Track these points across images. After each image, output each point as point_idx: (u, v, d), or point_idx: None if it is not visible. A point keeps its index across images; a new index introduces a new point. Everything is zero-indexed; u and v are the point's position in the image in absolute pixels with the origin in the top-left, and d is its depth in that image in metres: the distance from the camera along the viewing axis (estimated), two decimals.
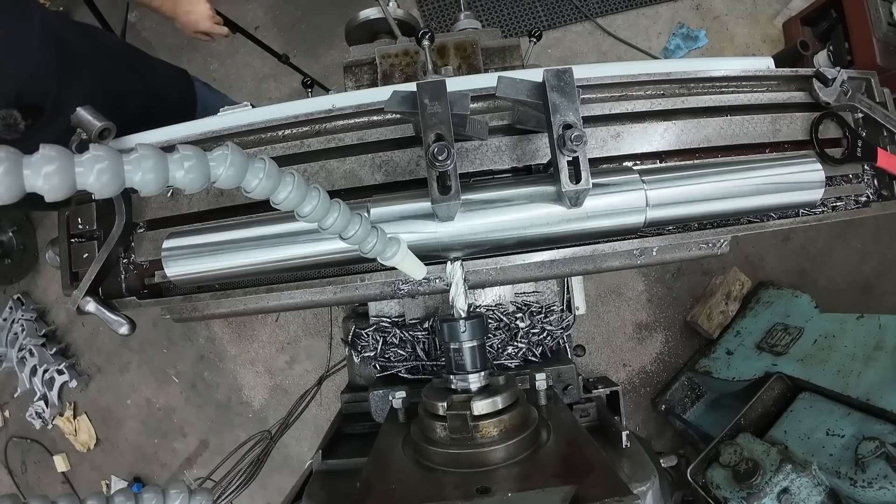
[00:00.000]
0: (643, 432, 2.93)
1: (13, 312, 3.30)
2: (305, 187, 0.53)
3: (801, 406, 2.02)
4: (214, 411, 3.18)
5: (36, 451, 3.31)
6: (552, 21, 3.31)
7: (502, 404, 0.73)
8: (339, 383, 2.67)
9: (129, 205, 0.93)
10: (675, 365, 2.96)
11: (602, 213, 0.76)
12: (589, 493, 0.57)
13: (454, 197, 0.68)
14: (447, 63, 1.26)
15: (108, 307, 0.89)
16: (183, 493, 0.59)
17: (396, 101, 0.73)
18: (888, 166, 0.94)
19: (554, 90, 0.69)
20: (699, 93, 0.95)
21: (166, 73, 1.71)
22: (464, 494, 0.61)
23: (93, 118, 0.83)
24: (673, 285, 3.02)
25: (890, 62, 2.68)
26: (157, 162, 0.42)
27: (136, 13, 3.35)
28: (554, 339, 1.09)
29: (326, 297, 0.94)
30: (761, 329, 2.60)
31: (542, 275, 0.93)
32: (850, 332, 2.13)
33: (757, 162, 0.84)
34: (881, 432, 1.67)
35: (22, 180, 0.36)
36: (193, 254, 0.80)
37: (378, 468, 0.71)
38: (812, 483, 1.67)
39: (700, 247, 0.92)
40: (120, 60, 1.46)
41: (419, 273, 0.70)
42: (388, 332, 1.08)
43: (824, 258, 3.07)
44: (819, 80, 0.94)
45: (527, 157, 0.89)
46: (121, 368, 3.28)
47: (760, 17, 3.33)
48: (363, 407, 1.08)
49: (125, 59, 1.50)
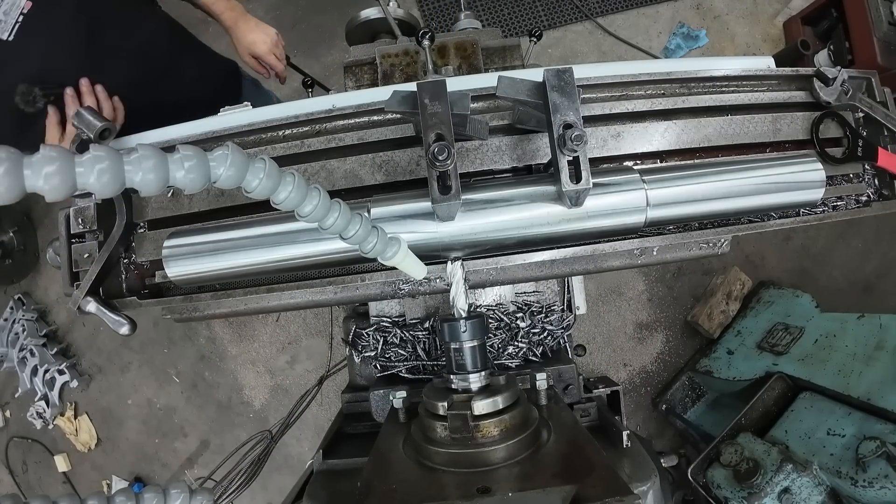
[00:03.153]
0: (644, 432, 2.93)
1: (14, 312, 3.30)
2: (306, 187, 0.53)
3: (801, 406, 2.02)
4: (215, 411, 3.18)
5: (37, 451, 3.31)
6: (552, 21, 3.31)
7: (503, 404, 0.73)
8: (339, 383, 2.67)
9: (129, 205, 0.93)
10: (676, 365, 2.96)
11: (602, 213, 0.76)
12: (589, 493, 0.57)
13: (454, 197, 0.68)
14: (447, 63, 1.26)
15: (108, 307, 0.89)
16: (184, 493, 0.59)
17: (397, 100, 0.73)
18: (889, 166, 0.94)
19: (554, 90, 0.69)
20: (699, 92, 0.95)
21: (213, 67, 1.65)
22: (464, 494, 0.61)
23: (93, 118, 0.84)
24: (673, 285, 3.02)
25: (890, 61, 2.68)
26: (157, 162, 0.42)
27: None
28: (554, 339, 1.09)
29: (327, 296, 0.94)
30: (762, 329, 2.60)
31: (543, 275, 0.93)
32: (851, 332, 2.13)
33: (757, 161, 0.84)
34: (882, 432, 1.67)
35: (22, 180, 0.37)
36: (194, 254, 0.80)
37: (379, 468, 0.71)
38: (813, 483, 1.67)
39: (701, 246, 0.92)
40: (157, 56, 1.41)
41: (420, 273, 0.70)
42: (388, 331, 1.08)
43: (825, 258, 3.07)
44: (820, 79, 0.94)
45: (527, 156, 0.89)
46: (121, 368, 3.29)
47: (761, 17, 3.33)
48: (364, 407, 1.08)
49: (164, 53, 1.45)
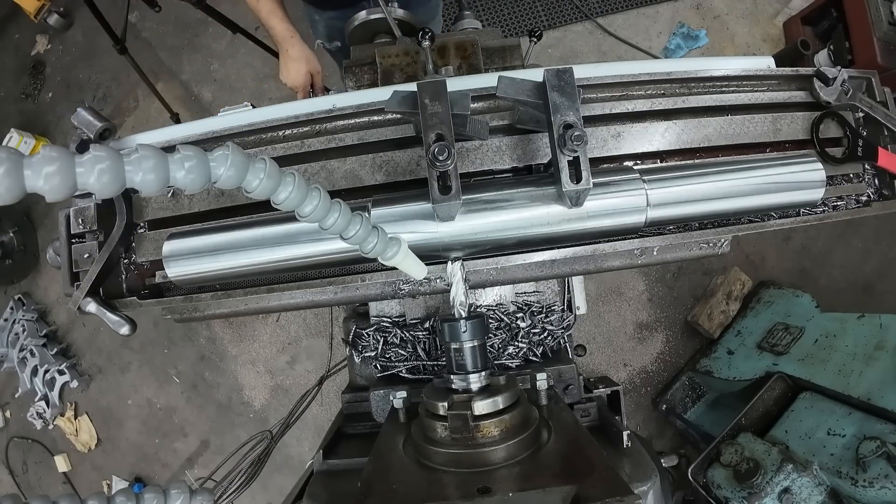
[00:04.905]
0: (644, 432, 2.93)
1: (14, 313, 3.31)
2: (306, 187, 0.53)
3: (801, 406, 2.02)
4: (215, 411, 3.18)
5: (37, 452, 3.31)
6: (552, 21, 3.31)
7: (503, 404, 0.73)
8: (339, 383, 2.67)
9: (129, 205, 0.93)
10: (676, 364, 2.96)
11: (603, 213, 0.76)
12: (590, 493, 0.57)
13: (455, 197, 0.68)
14: (448, 63, 1.25)
15: (108, 307, 0.89)
16: (184, 494, 0.59)
17: (397, 101, 0.73)
18: (889, 165, 0.94)
19: (554, 90, 0.69)
20: (700, 92, 0.95)
21: None
22: (464, 494, 0.61)
23: (94, 118, 0.84)
24: (674, 285, 3.02)
25: (890, 61, 2.68)
26: (157, 162, 0.42)
27: (137, 13, 3.35)
28: (555, 339, 1.09)
29: (327, 297, 0.94)
30: (762, 329, 2.60)
31: (543, 275, 0.93)
32: (851, 332, 2.13)
33: (757, 161, 0.84)
34: (882, 432, 1.67)
35: (23, 181, 0.37)
36: (194, 254, 0.80)
37: (379, 468, 0.71)
38: (813, 483, 1.67)
39: (701, 246, 0.92)
40: None
41: (420, 273, 0.70)
42: (388, 332, 1.08)
43: (825, 258, 3.07)
44: (820, 79, 0.94)
45: (527, 157, 0.89)
46: (122, 369, 3.28)
47: (761, 17, 3.33)
48: (364, 407, 1.08)
49: None
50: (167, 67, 3.45)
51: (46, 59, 3.66)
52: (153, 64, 3.40)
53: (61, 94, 3.60)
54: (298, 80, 1.60)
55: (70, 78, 3.59)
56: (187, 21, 3.42)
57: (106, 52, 3.14)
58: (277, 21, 1.55)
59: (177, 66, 3.45)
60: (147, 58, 3.35)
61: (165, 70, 3.45)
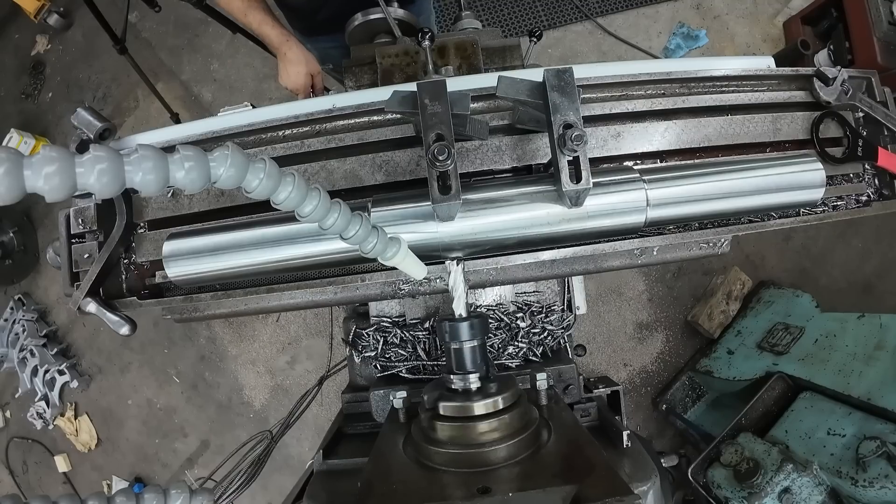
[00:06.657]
0: (644, 432, 2.93)
1: (14, 313, 3.31)
2: (306, 187, 0.53)
3: (801, 406, 2.02)
4: (215, 411, 3.18)
5: (37, 452, 3.31)
6: (552, 21, 3.31)
7: (503, 404, 0.73)
8: (339, 383, 2.67)
9: (129, 205, 0.93)
10: (676, 364, 2.96)
11: (603, 213, 0.76)
12: (590, 493, 0.57)
13: (454, 197, 0.68)
14: (447, 63, 1.25)
15: (108, 307, 0.89)
16: (184, 494, 0.59)
17: (397, 101, 0.73)
18: (889, 165, 0.94)
19: (554, 90, 0.69)
20: (699, 92, 0.95)
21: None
22: (465, 494, 0.61)
23: (94, 118, 0.84)
24: (674, 285, 3.02)
25: (890, 61, 2.68)
26: (157, 162, 0.42)
27: (137, 13, 3.35)
28: (555, 339, 1.09)
29: (327, 297, 0.94)
30: (762, 328, 2.60)
31: (543, 274, 0.93)
32: (851, 332, 2.13)
33: (757, 161, 0.84)
34: (882, 432, 1.67)
35: (23, 181, 0.36)
36: (194, 254, 0.80)
37: (379, 468, 0.71)
38: (813, 483, 1.67)
39: (701, 246, 0.92)
40: None
41: (420, 273, 0.70)
42: (388, 331, 1.08)
43: (825, 257, 3.07)
44: (820, 79, 0.94)
45: (527, 156, 0.89)
46: (122, 369, 3.29)
47: (761, 17, 3.33)
48: (364, 407, 1.08)
49: None
50: (167, 67, 3.45)
51: (46, 59, 3.66)
52: (153, 64, 3.40)
53: (61, 94, 3.60)
54: (298, 81, 1.60)
55: (70, 78, 3.59)
56: (187, 21, 3.42)
57: (106, 53, 3.14)
58: (269, 28, 1.55)
59: (177, 66, 3.45)
60: (147, 58, 3.35)
61: (165, 70, 3.45)
